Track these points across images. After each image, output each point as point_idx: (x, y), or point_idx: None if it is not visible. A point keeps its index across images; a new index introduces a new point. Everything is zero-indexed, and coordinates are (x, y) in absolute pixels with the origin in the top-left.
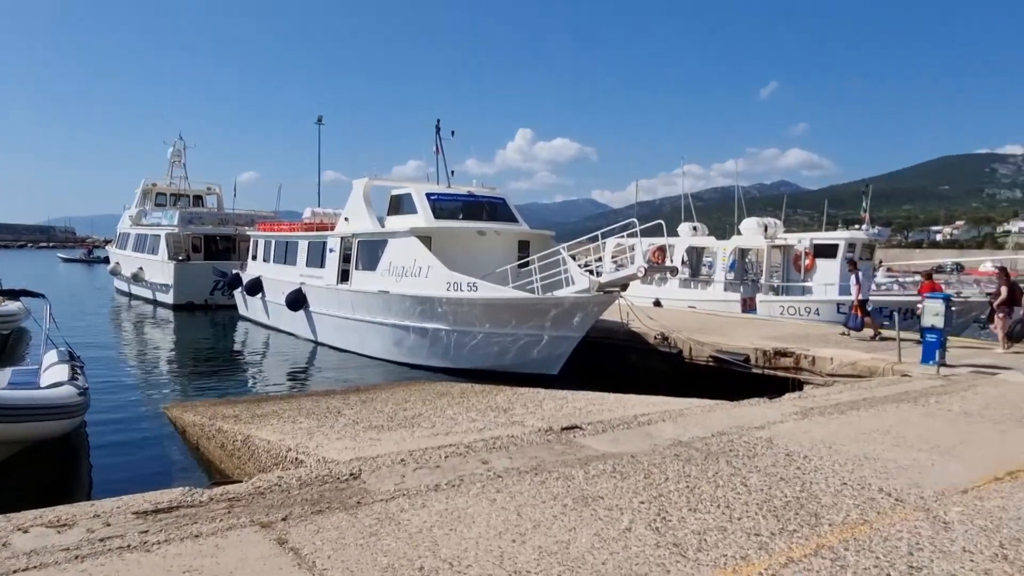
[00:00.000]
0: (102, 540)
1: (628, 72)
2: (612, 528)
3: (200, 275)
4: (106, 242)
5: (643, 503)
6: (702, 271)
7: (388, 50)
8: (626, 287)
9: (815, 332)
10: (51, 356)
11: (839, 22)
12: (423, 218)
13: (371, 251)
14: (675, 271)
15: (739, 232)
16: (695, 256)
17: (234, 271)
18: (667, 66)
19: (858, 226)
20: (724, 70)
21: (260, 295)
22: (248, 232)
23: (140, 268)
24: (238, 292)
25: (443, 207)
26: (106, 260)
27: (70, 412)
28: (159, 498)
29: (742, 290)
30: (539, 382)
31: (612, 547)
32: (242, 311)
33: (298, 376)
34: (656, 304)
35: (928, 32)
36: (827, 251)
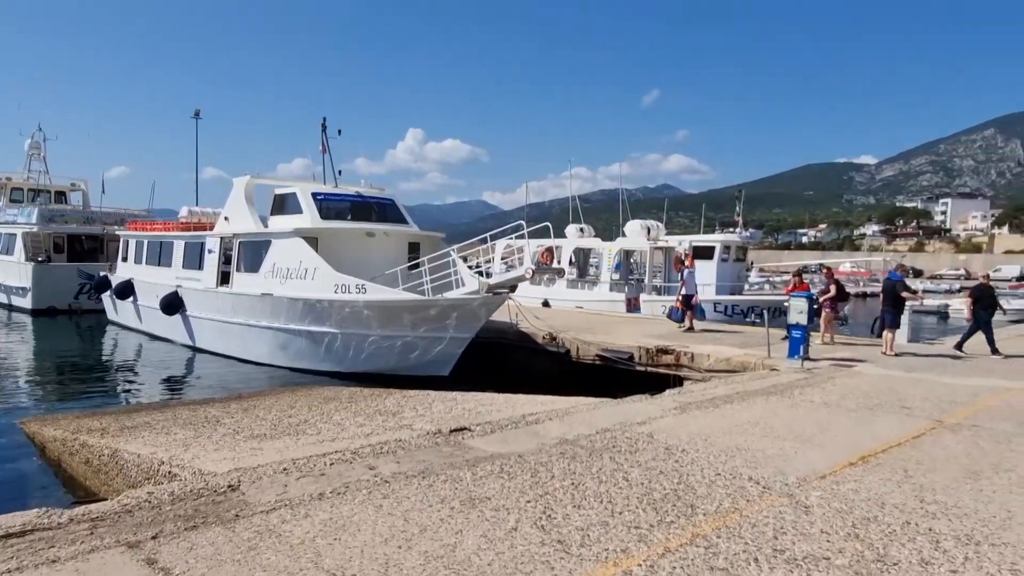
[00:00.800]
0: None
1: (518, 75)
2: (499, 528)
3: (63, 277)
4: None
5: (529, 502)
6: (589, 272)
7: (274, 44)
8: (515, 288)
9: (696, 330)
10: None
11: (717, 35)
12: (309, 218)
13: (254, 252)
14: (562, 272)
15: (624, 234)
16: (582, 257)
17: (102, 273)
18: (556, 71)
19: (733, 229)
20: (610, 77)
21: (131, 298)
22: (118, 232)
23: None
24: (106, 295)
25: (330, 207)
26: None
27: None
28: (11, 522)
29: (627, 290)
30: (430, 384)
31: (498, 547)
32: (111, 316)
33: (174, 384)
34: (545, 304)
35: (793, 50)
36: (705, 252)
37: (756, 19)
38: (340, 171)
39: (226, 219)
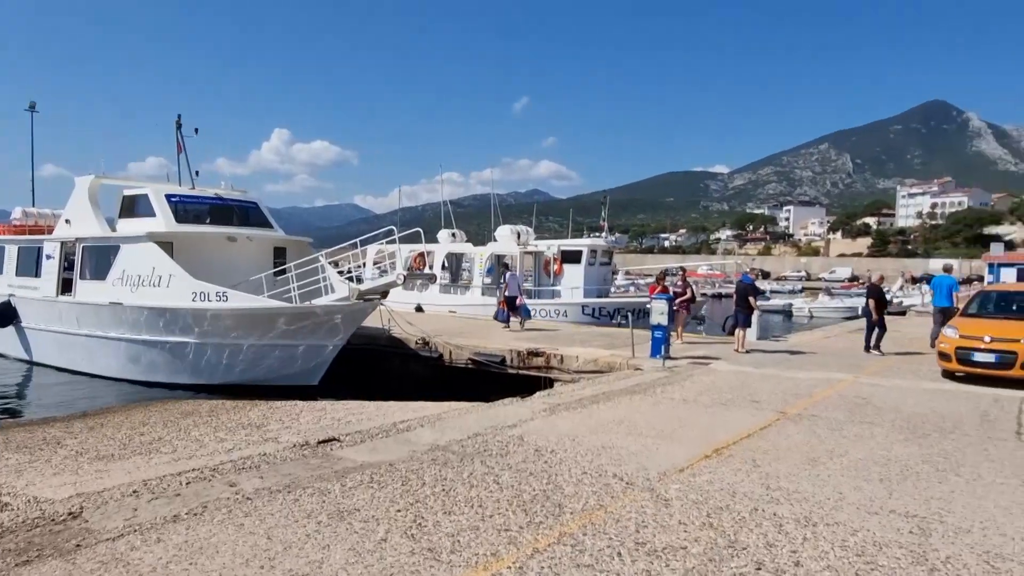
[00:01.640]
0: None
1: (388, 78)
2: (368, 540)
3: None
4: None
5: (400, 511)
6: (461, 276)
7: (124, 36)
8: (387, 294)
9: (564, 331)
10: None
11: (582, 45)
12: (163, 222)
13: (100, 258)
14: (433, 278)
15: (495, 239)
16: (454, 262)
17: None
18: (426, 75)
19: (599, 233)
20: (481, 82)
21: None
22: None
23: None
24: None
25: (186, 210)
26: None
27: None
28: None
29: (498, 294)
30: (299, 394)
31: (367, 560)
32: None
33: (7, 403)
34: (418, 310)
35: (651, 61)
36: (573, 257)
37: (622, 31)
38: (198, 172)
39: (67, 222)
